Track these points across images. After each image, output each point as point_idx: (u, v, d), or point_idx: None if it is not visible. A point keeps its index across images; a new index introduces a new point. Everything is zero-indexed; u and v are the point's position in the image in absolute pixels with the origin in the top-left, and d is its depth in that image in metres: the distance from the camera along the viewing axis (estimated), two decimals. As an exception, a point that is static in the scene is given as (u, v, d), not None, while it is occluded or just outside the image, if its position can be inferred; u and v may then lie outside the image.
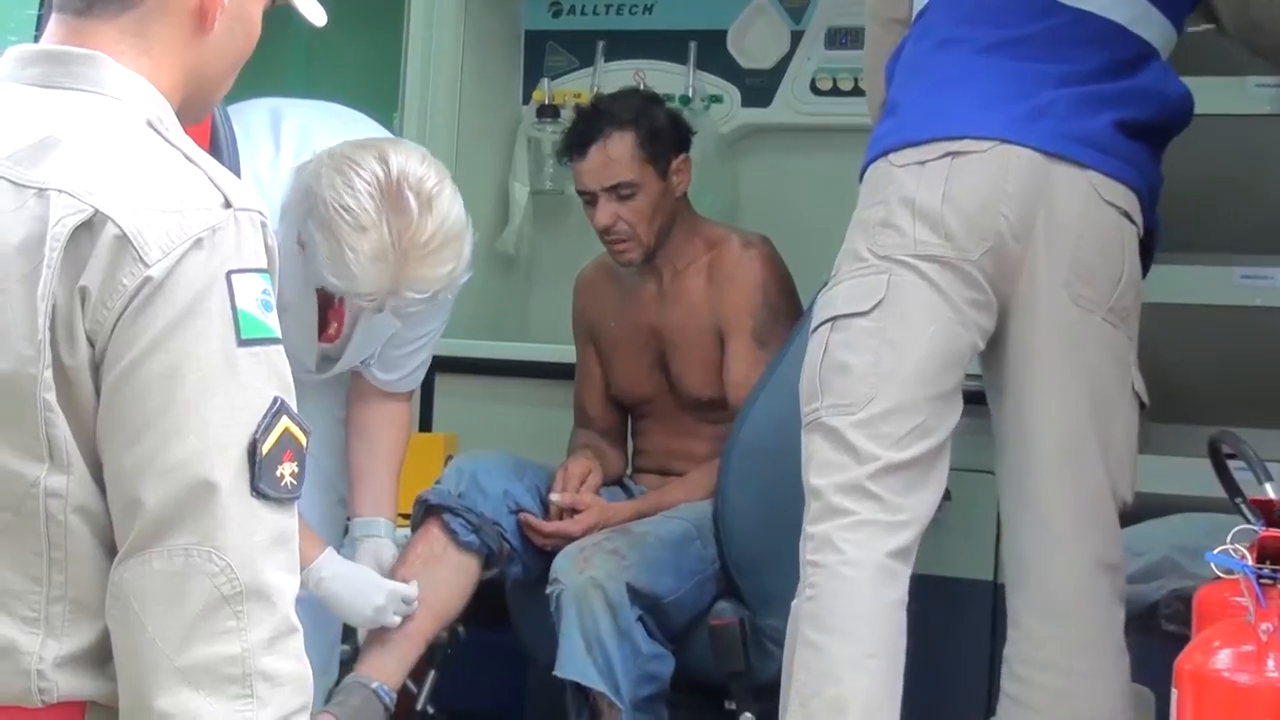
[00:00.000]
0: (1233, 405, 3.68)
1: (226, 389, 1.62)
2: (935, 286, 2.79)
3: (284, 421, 1.64)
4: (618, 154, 3.62)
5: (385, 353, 3.30)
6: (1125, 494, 2.91)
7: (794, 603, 2.80)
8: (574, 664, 3.31)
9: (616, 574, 3.34)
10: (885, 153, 2.89)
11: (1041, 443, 2.84)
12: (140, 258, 1.61)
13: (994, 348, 2.88)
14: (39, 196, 1.64)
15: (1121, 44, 2.93)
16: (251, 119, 3.08)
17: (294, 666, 1.64)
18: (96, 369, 1.62)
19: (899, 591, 2.75)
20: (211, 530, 1.60)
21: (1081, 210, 2.84)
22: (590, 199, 3.67)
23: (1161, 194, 3.02)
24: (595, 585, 3.32)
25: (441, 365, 4.12)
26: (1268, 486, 2.77)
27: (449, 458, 4.01)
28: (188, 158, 1.69)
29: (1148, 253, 2.99)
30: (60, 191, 1.63)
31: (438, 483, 3.50)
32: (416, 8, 4.57)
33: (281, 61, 4.60)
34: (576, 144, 3.68)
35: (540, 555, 3.51)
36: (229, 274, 1.63)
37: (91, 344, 1.62)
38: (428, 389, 4.35)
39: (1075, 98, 2.86)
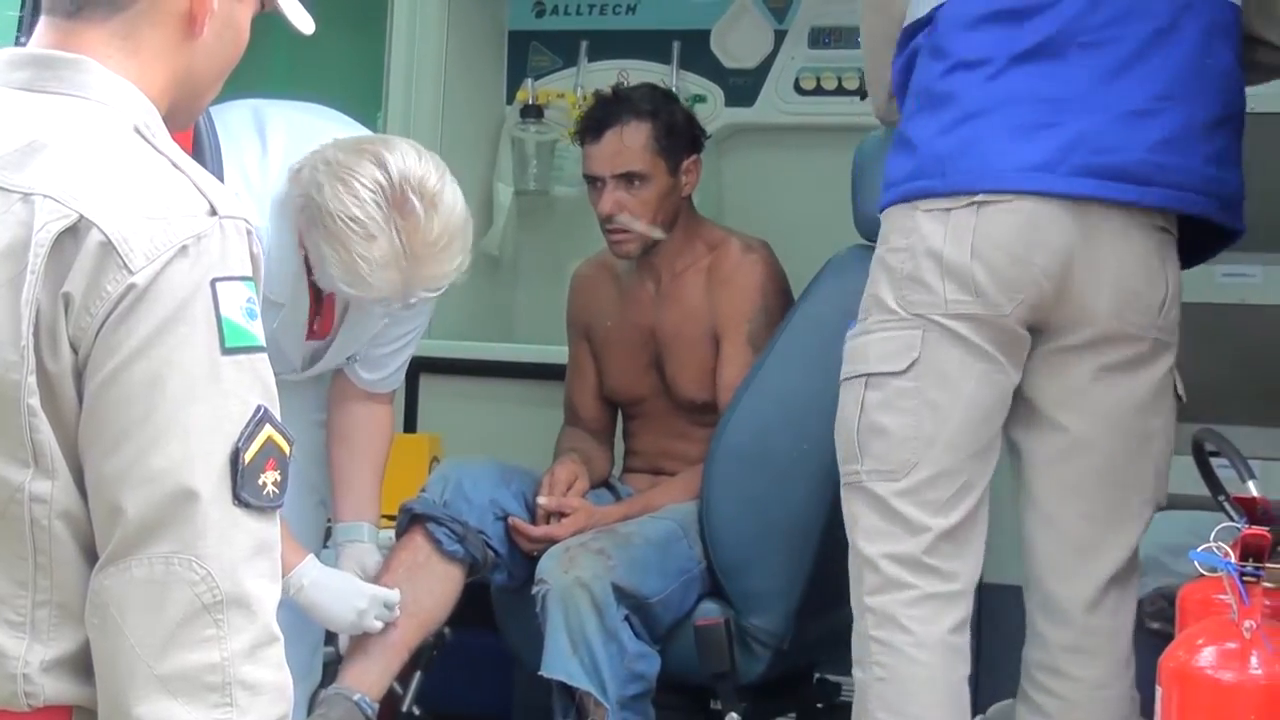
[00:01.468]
0: (1215, 403, 3.67)
1: (209, 397, 1.62)
2: (970, 343, 2.72)
3: (267, 430, 1.64)
4: (632, 142, 3.63)
5: (369, 351, 3.30)
6: (1161, 497, 2.90)
7: (858, 674, 2.76)
8: (560, 663, 3.30)
9: (602, 574, 3.34)
10: (907, 199, 2.76)
11: (1080, 468, 2.81)
12: (124, 264, 1.61)
13: (1035, 365, 2.79)
14: (24, 201, 1.64)
15: (1148, 10, 2.76)
16: (234, 119, 3.07)
17: (274, 675, 1.64)
18: (79, 375, 1.62)
19: (965, 667, 2.75)
20: (192, 539, 1.60)
21: (1122, 244, 2.75)
22: (597, 184, 3.67)
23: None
24: (581, 585, 3.32)
25: (426, 366, 4.12)
26: (1250, 484, 2.78)
27: (434, 459, 4.00)
28: (174, 164, 1.69)
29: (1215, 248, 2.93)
30: (45, 196, 1.63)
31: (423, 491, 3.49)
32: (400, 8, 4.57)
33: (264, 61, 4.56)
34: (592, 127, 3.68)
35: (526, 561, 3.50)
36: (214, 282, 1.63)
37: (74, 350, 1.62)
38: (412, 390, 4.35)
39: (1108, 122, 2.72)
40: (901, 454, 2.72)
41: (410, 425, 4.37)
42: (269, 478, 1.64)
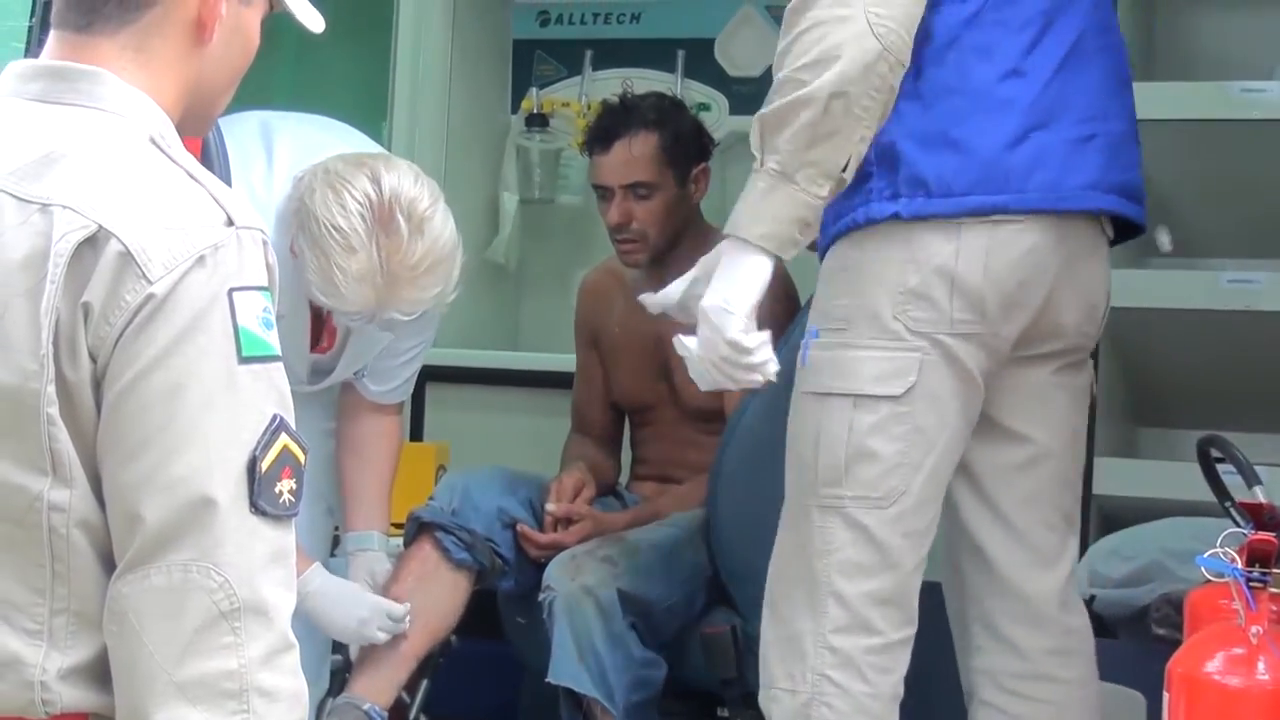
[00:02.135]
0: (1221, 409, 3.69)
1: (227, 406, 1.63)
2: (963, 365, 2.62)
3: (283, 439, 1.66)
4: (640, 153, 3.63)
5: (377, 364, 3.31)
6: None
7: (790, 703, 2.66)
8: (567, 670, 3.31)
9: (608, 581, 3.35)
10: (972, 212, 2.57)
11: (1041, 477, 2.79)
12: (143, 274, 1.62)
13: (996, 379, 2.74)
14: (42, 212, 1.65)
15: (1113, 20, 2.77)
16: (243, 132, 3.08)
17: (290, 682, 1.66)
18: (98, 384, 1.64)
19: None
20: (210, 547, 1.62)
21: (1093, 258, 2.75)
22: (606, 194, 3.68)
23: (1149, 199, 3.01)
24: (587, 592, 3.33)
25: (432, 375, 4.13)
26: (1257, 490, 2.78)
27: (440, 467, 4.01)
28: (190, 175, 1.71)
29: None
30: (64, 207, 1.65)
31: (431, 499, 3.50)
32: (405, 18, 4.58)
33: (270, 72, 4.60)
34: (600, 137, 3.68)
35: (533, 568, 3.51)
36: (231, 291, 1.65)
37: (93, 359, 1.63)
38: (418, 399, 4.36)
39: (1119, 136, 2.69)
40: (891, 481, 2.62)
41: (417, 434, 4.39)
42: (285, 486, 1.65)
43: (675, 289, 2.66)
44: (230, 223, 1.67)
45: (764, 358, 2.53)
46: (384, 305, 2.95)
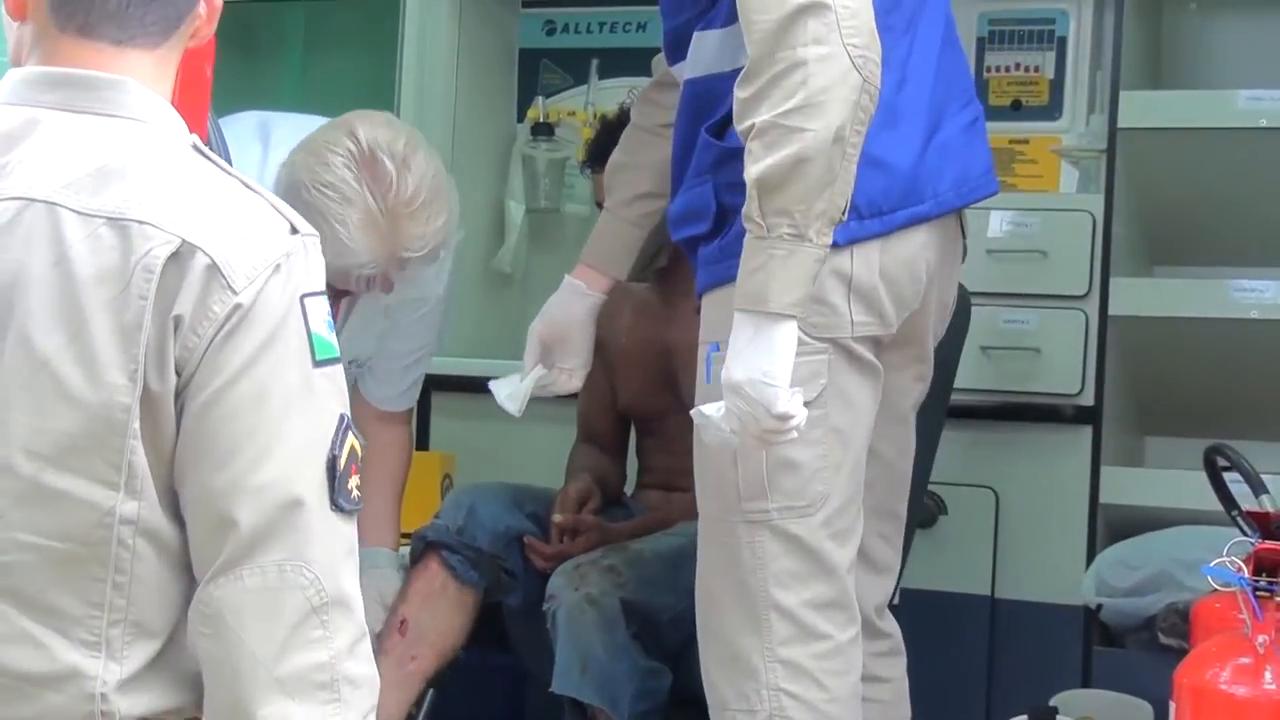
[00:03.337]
0: (1228, 418, 3.69)
1: (307, 409, 1.70)
2: (869, 364, 2.61)
3: (351, 437, 1.73)
4: None
5: (378, 365, 3.31)
6: None
7: None
8: (570, 681, 3.30)
9: (612, 590, 3.34)
10: (903, 226, 2.56)
11: (887, 493, 2.80)
12: (229, 285, 1.67)
13: None
14: (111, 225, 1.68)
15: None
16: (239, 130, 3.11)
17: (368, 669, 1.73)
18: (178, 395, 1.68)
19: (860, 712, 2.70)
20: (301, 545, 1.68)
21: (956, 255, 2.74)
22: None
23: (1153, 207, 3.00)
24: (591, 601, 3.32)
25: (438, 384, 4.14)
26: (1263, 499, 2.79)
27: (446, 477, 4.01)
28: (246, 185, 1.76)
29: None
30: (141, 222, 1.68)
31: (436, 517, 3.50)
32: (411, 26, 4.58)
33: (276, 80, 4.61)
34: (599, 156, 3.68)
35: (540, 579, 3.50)
36: (303, 298, 1.71)
37: (178, 372, 1.67)
38: (424, 408, 4.36)
39: (972, 129, 2.68)
40: (814, 486, 2.59)
41: (423, 443, 4.38)
42: (354, 483, 1.72)
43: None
44: (294, 230, 1.73)
45: (803, 418, 2.44)
46: (394, 247, 2.94)
